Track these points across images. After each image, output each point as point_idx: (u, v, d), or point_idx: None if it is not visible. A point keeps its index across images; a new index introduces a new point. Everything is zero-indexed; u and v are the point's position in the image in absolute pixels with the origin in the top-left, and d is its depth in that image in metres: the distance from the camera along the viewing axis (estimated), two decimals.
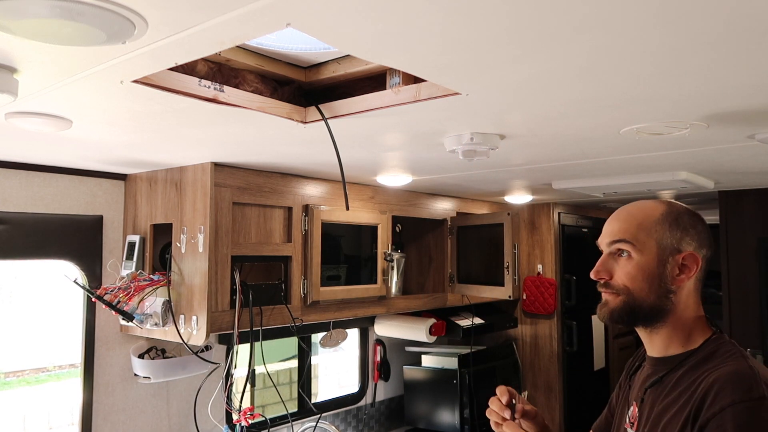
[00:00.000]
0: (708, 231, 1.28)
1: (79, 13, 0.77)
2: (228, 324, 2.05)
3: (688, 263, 1.23)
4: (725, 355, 1.16)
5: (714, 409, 1.05)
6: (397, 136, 1.66)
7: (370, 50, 0.98)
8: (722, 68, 1.05)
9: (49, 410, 5.72)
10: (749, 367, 1.10)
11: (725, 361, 1.14)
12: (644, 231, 1.24)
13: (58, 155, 1.94)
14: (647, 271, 1.22)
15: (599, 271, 1.26)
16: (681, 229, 1.24)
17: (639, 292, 1.22)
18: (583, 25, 0.85)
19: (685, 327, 1.23)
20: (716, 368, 1.12)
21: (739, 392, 1.05)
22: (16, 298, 7.92)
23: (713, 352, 1.18)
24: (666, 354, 1.25)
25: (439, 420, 3.19)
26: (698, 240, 1.25)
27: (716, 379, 1.08)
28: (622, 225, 1.27)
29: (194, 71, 1.27)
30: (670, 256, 1.22)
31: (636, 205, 1.31)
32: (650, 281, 1.22)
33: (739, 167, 2.31)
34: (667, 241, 1.23)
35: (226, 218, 2.05)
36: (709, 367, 1.14)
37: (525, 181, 2.67)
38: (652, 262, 1.22)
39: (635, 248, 1.23)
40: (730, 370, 1.10)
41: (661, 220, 1.25)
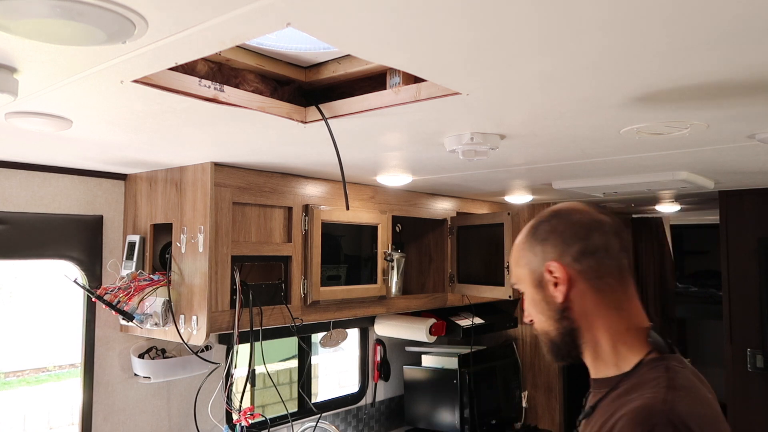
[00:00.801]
0: (576, 223, 1.11)
1: (79, 13, 0.77)
2: (228, 324, 2.05)
3: (557, 274, 1.09)
4: (648, 384, 1.00)
5: None
6: (397, 136, 1.66)
7: (370, 50, 0.98)
8: (722, 68, 1.05)
9: (49, 410, 5.72)
10: (662, 400, 0.94)
11: (643, 392, 0.98)
12: (518, 264, 1.17)
13: (58, 155, 1.94)
14: (534, 302, 1.14)
15: (526, 315, 1.19)
16: (539, 242, 1.13)
17: (543, 325, 1.14)
18: (583, 25, 0.85)
19: (609, 344, 1.08)
20: (630, 402, 0.98)
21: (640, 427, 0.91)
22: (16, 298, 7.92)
23: (641, 378, 1.02)
24: (598, 376, 1.11)
25: (439, 420, 3.19)
26: (561, 243, 1.10)
27: (621, 416, 0.95)
28: (513, 263, 1.21)
29: (194, 71, 1.27)
30: (542, 275, 1.11)
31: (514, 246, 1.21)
32: (541, 310, 1.13)
33: (739, 167, 2.31)
34: (534, 263, 1.13)
35: (226, 218, 2.05)
36: (628, 399, 0.99)
37: (525, 181, 2.67)
38: (532, 290, 1.14)
39: (520, 285, 1.17)
40: (640, 404, 0.95)
41: (523, 245, 1.16)
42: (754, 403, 3.17)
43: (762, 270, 3.15)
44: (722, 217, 3.31)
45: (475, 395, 3.13)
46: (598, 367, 1.10)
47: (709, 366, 5.71)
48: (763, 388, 3.14)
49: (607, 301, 1.09)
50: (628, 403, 0.98)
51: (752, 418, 3.16)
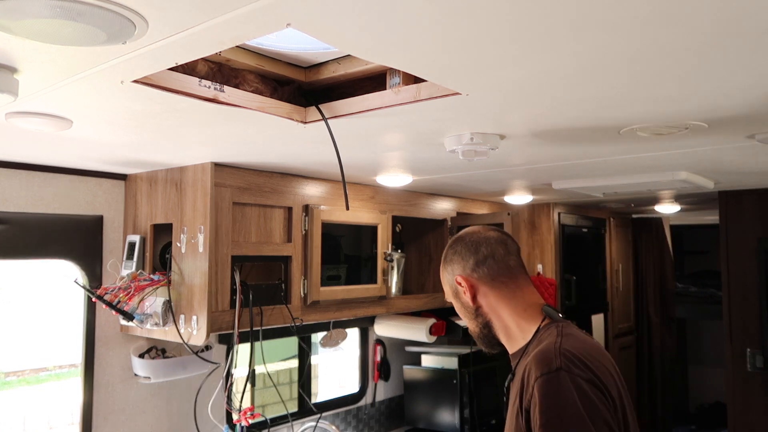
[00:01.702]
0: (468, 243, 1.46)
1: (79, 13, 0.77)
2: (228, 324, 2.05)
3: (462, 284, 1.44)
4: (543, 339, 1.30)
5: (528, 392, 1.20)
6: (397, 136, 1.66)
7: (370, 50, 0.98)
8: (722, 68, 1.05)
9: (49, 410, 5.71)
10: (554, 343, 1.24)
11: (538, 345, 1.28)
12: (442, 283, 1.54)
13: (59, 155, 1.94)
14: (458, 309, 1.49)
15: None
16: (448, 263, 1.49)
17: (469, 324, 1.48)
18: (583, 25, 0.85)
19: (514, 324, 1.39)
20: (532, 354, 1.26)
21: (541, 367, 1.19)
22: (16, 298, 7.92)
23: (540, 337, 1.32)
24: (513, 350, 1.41)
25: (439, 420, 3.19)
26: (461, 260, 1.45)
27: (527, 364, 1.24)
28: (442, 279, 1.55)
29: (194, 71, 1.27)
30: (455, 287, 1.46)
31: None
32: (464, 314, 1.47)
33: (739, 167, 2.32)
34: (448, 277, 1.49)
35: (226, 218, 2.05)
36: (529, 352, 1.29)
37: (525, 181, 2.67)
38: (454, 300, 1.49)
39: (446, 292, 1.52)
40: (537, 351, 1.25)
41: (441, 268, 1.52)
42: (754, 403, 3.17)
43: (762, 270, 3.15)
44: (722, 217, 3.31)
45: (475, 395, 3.13)
46: (511, 344, 1.41)
47: (709, 366, 5.74)
48: (763, 388, 3.14)
49: (503, 294, 1.42)
50: (530, 356, 1.27)
51: (752, 418, 3.16)
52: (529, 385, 1.20)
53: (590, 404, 1.13)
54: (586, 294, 3.86)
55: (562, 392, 1.15)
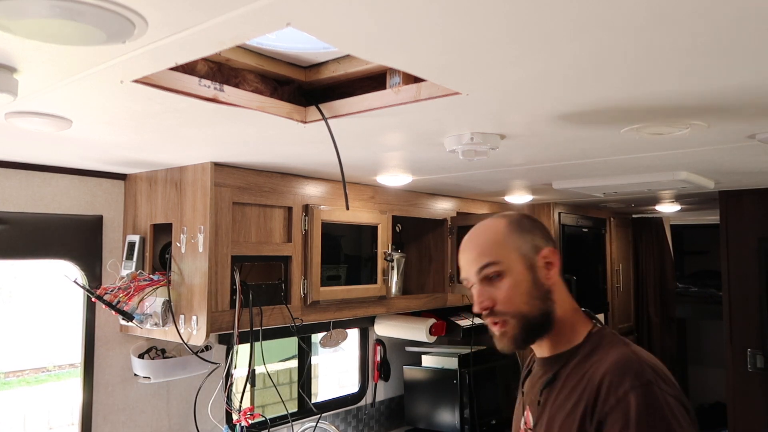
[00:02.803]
0: (546, 227, 1.33)
1: (79, 12, 0.77)
2: (228, 324, 2.05)
3: (551, 258, 1.25)
4: (607, 345, 1.19)
5: (611, 402, 1.08)
6: (397, 136, 1.66)
7: (370, 50, 0.98)
8: (722, 68, 1.05)
9: (49, 410, 5.71)
10: (632, 353, 1.15)
11: (608, 351, 1.17)
12: (501, 247, 1.24)
13: (58, 155, 1.94)
14: (524, 283, 1.22)
15: (482, 300, 1.23)
16: (528, 231, 1.27)
17: (525, 307, 1.22)
18: (583, 24, 0.85)
19: (567, 322, 1.25)
20: (601, 360, 1.15)
21: (629, 378, 1.09)
22: (16, 298, 7.92)
23: (598, 342, 1.21)
24: (555, 352, 1.26)
25: (439, 420, 3.19)
26: (545, 237, 1.28)
27: (606, 372, 1.12)
28: (480, 250, 1.26)
29: (194, 71, 1.26)
30: (533, 259, 1.24)
31: (478, 228, 1.30)
32: (530, 291, 1.22)
33: (739, 167, 2.31)
34: (525, 246, 1.25)
35: (226, 218, 2.05)
36: (594, 360, 1.17)
37: (525, 181, 2.67)
38: (523, 271, 1.23)
39: (503, 265, 1.22)
40: (615, 359, 1.14)
41: (508, 231, 1.26)
42: (754, 403, 3.17)
43: (762, 270, 3.15)
44: (722, 217, 3.31)
45: (475, 395, 3.13)
46: (556, 344, 1.26)
47: (709, 366, 5.74)
48: (763, 388, 3.14)
49: (564, 286, 1.28)
50: (599, 362, 1.15)
51: (752, 418, 3.16)
52: (611, 396, 1.09)
53: (678, 423, 1.07)
54: (586, 294, 3.85)
55: (656, 408, 1.07)
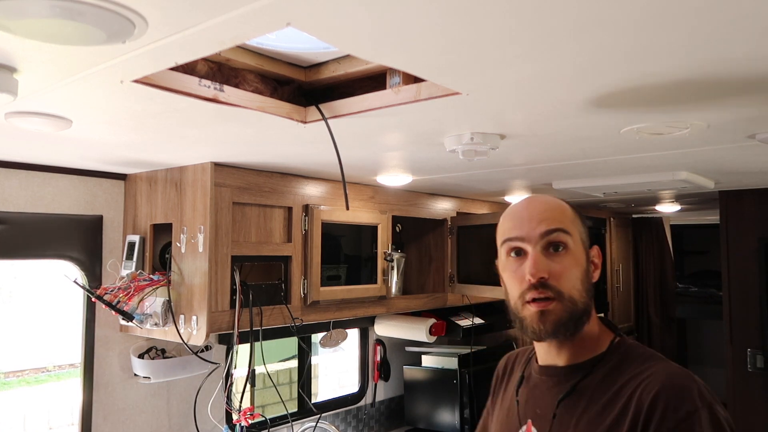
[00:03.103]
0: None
1: (79, 12, 0.77)
2: (228, 324, 2.05)
3: (597, 258, 1.12)
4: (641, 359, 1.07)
5: (669, 424, 0.95)
6: (397, 136, 1.66)
7: (370, 50, 0.98)
8: (722, 68, 1.05)
9: (49, 410, 5.72)
10: (685, 371, 1.03)
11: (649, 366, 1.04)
12: (571, 222, 1.09)
13: (58, 155, 1.94)
14: (582, 269, 1.07)
15: (540, 269, 1.04)
16: (585, 226, 1.12)
17: (576, 293, 1.06)
18: (583, 24, 0.85)
19: (594, 329, 1.12)
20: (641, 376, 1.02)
21: (691, 400, 0.96)
22: (16, 298, 7.92)
23: (626, 354, 1.09)
24: (576, 361, 1.11)
25: (439, 420, 3.19)
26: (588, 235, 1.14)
27: (659, 390, 0.98)
28: (551, 214, 1.08)
29: (194, 71, 1.26)
30: (587, 251, 1.10)
31: (542, 197, 1.14)
32: (583, 280, 1.08)
33: (739, 167, 2.31)
34: (584, 235, 1.10)
35: (226, 218, 2.05)
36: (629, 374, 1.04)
37: (525, 181, 2.67)
38: (582, 257, 1.08)
39: (572, 239, 1.06)
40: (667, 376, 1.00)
41: (574, 212, 1.11)
42: (754, 403, 3.17)
43: (762, 270, 3.15)
44: (722, 217, 3.31)
45: (475, 395, 3.13)
46: (578, 352, 1.11)
47: (709, 366, 5.73)
48: (763, 388, 3.14)
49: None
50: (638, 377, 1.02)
51: (752, 418, 3.16)
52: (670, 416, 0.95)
53: None
54: None
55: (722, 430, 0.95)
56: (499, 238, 1.15)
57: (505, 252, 1.13)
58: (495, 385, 1.36)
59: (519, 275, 1.08)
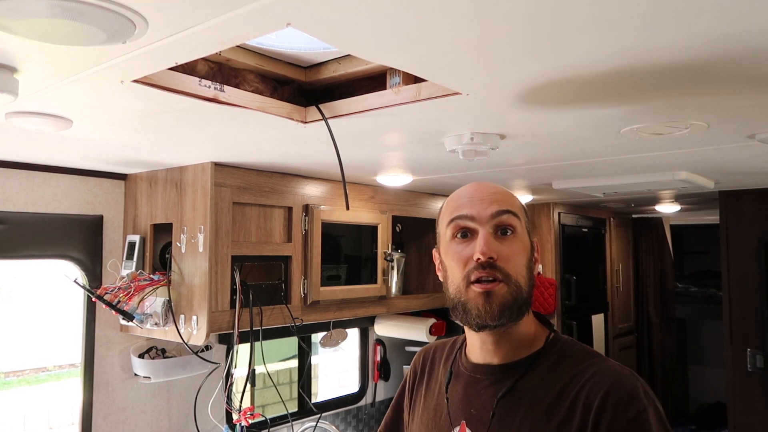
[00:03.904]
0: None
1: (79, 12, 0.77)
2: (228, 324, 2.05)
3: (537, 254, 1.10)
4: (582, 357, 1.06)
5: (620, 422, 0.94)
6: (397, 136, 1.66)
7: (370, 50, 0.98)
8: (722, 68, 1.05)
9: (49, 410, 5.72)
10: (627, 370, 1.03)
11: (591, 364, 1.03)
12: (518, 208, 1.07)
13: (58, 155, 1.94)
14: (527, 256, 1.05)
15: (490, 249, 1.01)
16: (528, 215, 1.11)
17: (522, 279, 1.03)
18: (583, 24, 0.85)
19: (531, 325, 1.10)
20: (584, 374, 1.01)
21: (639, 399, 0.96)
22: (16, 298, 7.92)
23: (563, 351, 1.07)
24: (512, 359, 1.08)
25: None
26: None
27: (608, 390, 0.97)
28: (500, 197, 1.06)
29: (194, 71, 1.27)
30: (532, 241, 1.08)
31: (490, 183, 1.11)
32: (528, 267, 1.05)
33: (739, 167, 2.31)
34: (529, 225, 1.09)
35: (226, 218, 2.05)
36: (570, 373, 1.02)
37: (525, 181, 2.67)
38: (528, 245, 1.06)
39: (520, 225, 1.05)
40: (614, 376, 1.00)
41: (522, 206, 1.09)
42: (754, 403, 3.17)
43: (762, 270, 3.15)
44: (722, 217, 3.31)
45: None
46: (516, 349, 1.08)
47: (709, 366, 5.74)
48: (763, 388, 3.14)
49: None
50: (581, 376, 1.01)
51: (752, 418, 3.16)
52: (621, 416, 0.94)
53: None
54: (586, 294, 3.85)
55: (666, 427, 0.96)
56: (444, 219, 1.10)
57: (451, 233, 1.07)
58: (413, 381, 1.28)
59: (464, 255, 1.04)
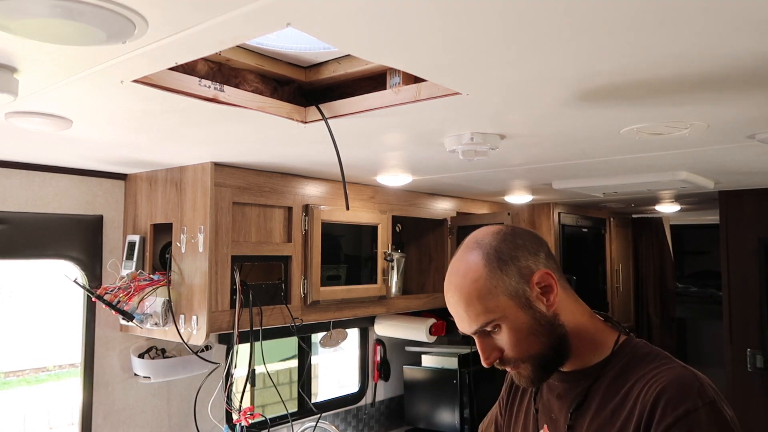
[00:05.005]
0: (530, 235, 1.15)
1: (79, 12, 0.77)
2: (228, 324, 2.05)
3: (545, 281, 1.10)
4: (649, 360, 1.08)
5: (668, 420, 0.96)
6: (397, 136, 1.66)
7: (370, 50, 0.98)
8: (722, 68, 1.05)
9: (49, 410, 5.71)
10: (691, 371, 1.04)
11: (655, 368, 1.05)
12: (488, 297, 1.09)
13: (58, 155, 1.94)
14: (525, 326, 1.08)
15: (489, 354, 1.11)
16: (510, 260, 1.09)
17: (533, 348, 1.09)
18: (583, 25, 0.85)
19: (588, 334, 1.12)
20: (647, 377, 1.04)
21: (692, 398, 0.98)
22: (16, 298, 7.92)
23: (632, 355, 1.09)
24: (581, 366, 1.13)
25: (439, 420, 3.19)
26: (532, 252, 1.11)
27: (662, 390, 1.00)
28: (467, 307, 1.11)
29: (194, 71, 1.27)
30: (526, 290, 1.09)
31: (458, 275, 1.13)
32: (533, 330, 1.08)
33: (739, 167, 2.31)
34: (512, 283, 1.08)
35: (226, 218, 2.05)
36: (636, 377, 1.06)
37: (525, 181, 2.67)
38: (520, 314, 1.08)
39: (497, 317, 1.08)
40: (673, 377, 1.02)
41: (489, 273, 1.09)
42: (754, 403, 3.17)
43: (762, 270, 3.15)
44: (722, 217, 3.31)
45: (475, 395, 3.13)
46: (581, 360, 1.12)
47: (709, 366, 5.72)
48: (763, 388, 3.14)
49: (570, 295, 1.14)
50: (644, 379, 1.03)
51: (752, 418, 3.16)
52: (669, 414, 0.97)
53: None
54: (586, 294, 3.84)
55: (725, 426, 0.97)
56: None
57: None
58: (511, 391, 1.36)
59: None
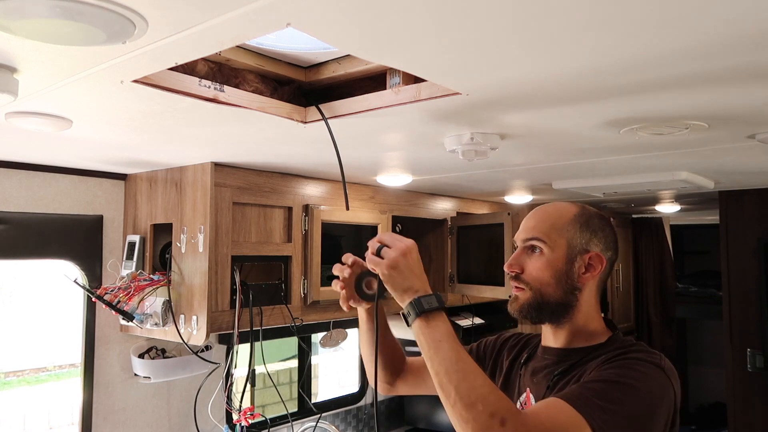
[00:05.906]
0: (615, 236, 1.35)
1: (79, 12, 0.77)
2: (228, 324, 2.05)
3: (594, 263, 1.29)
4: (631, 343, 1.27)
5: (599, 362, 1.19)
6: (397, 136, 1.66)
7: (370, 50, 0.98)
8: (722, 68, 1.05)
9: (49, 410, 5.72)
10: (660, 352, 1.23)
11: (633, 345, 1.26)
12: (556, 230, 1.30)
13: (58, 155, 1.94)
14: (555, 268, 1.28)
15: (512, 264, 1.31)
16: (590, 231, 1.30)
17: (546, 288, 1.28)
18: (584, 25, 0.85)
19: (588, 323, 1.32)
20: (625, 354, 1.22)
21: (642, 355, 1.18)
22: (16, 298, 7.92)
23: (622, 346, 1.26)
24: (572, 346, 1.31)
25: (439, 420, 3.19)
26: (605, 243, 1.31)
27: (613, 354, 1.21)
28: (537, 223, 1.32)
29: (194, 71, 1.27)
30: (578, 255, 1.29)
31: (553, 205, 1.36)
32: (557, 277, 1.28)
33: (739, 167, 2.31)
34: (577, 241, 1.29)
35: (226, 218, 2.05)
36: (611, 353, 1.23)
37: (525, 181, 2.67)
38: (561, 259, 1.28)
39: (546, 245, 1.28)
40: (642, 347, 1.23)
41: (572, 221, 1.30)
42: (754, 403, 3.17)
43: (762, 270, 3.15)
44: (722, 217, 3.31)
45: None
46: (572, 340, 1.32)
47: (709, 366, 5.73)
48: (763, 388, 3.14)
49: (598, 292, 1.36)
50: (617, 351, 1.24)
51: (752, 418, 3.16)
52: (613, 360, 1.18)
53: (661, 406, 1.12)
54: None
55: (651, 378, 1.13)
56: None
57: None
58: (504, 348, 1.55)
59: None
